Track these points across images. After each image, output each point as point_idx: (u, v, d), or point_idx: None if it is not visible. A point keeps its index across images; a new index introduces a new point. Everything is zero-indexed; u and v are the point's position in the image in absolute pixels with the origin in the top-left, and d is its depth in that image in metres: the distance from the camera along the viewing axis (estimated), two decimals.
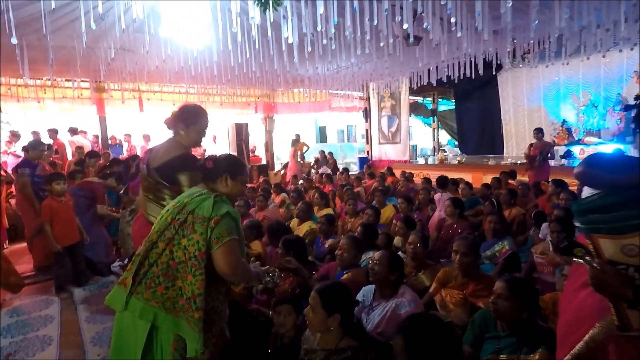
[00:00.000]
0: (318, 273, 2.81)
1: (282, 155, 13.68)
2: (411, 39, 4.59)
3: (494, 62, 6.62)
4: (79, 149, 7.33)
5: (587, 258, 1.20)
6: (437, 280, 2.63)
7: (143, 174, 2.27)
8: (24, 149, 5.02)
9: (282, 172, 10.21)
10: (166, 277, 1.63)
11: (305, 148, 11.57)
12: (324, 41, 4.18)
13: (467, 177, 7.72)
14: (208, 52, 4.61)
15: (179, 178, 2.12)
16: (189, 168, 2.10)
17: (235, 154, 10.20)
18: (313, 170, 10.76)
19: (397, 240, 4.06)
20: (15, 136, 7.17)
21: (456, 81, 7.15)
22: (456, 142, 13.99)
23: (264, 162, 11.48)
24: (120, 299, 1.66)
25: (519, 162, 8.71)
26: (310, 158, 11.85)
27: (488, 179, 6.73)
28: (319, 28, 3.61)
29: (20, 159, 5.35)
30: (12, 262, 4.80)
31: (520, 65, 8.47)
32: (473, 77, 6.63)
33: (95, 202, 4.67)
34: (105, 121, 8.60)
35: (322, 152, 11.65)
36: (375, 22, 3.75)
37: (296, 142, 10.16)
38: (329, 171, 9.68)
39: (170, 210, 1.71)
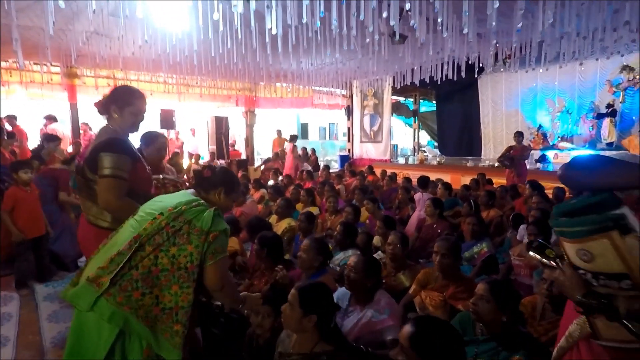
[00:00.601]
0: None
1: (263, 150, 13.50)
2: (397, 37, 4.56)
3: (476, 65, 6.69)
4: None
5: (557, 260, 1.24)
6: (417, 281, 2.59)
7: (78, 170, 2.06)
8: None
9: (261, 167, 10.05)
10: (145, 282, 1.54)
11: (285, 144, 11.45)
12: (309, 34, 4.09)
13: (446, 177, 7.80)
14: (188, 40, 4.42)
15: (101, 159, 1.90)
16: (112, 150, 1.93)
17: (214, 147, 9.98)
18: None
19: (376, 240, 4.02)
20: None
21: (438, 82, 7.19)
22: (436, 143, 14.16)
23: (244, 156, 11.27)
24: (88, 299, 1.51)
25: (496, 164, 8.88)
26: None
27: (466, 180, 6.82)
28: (304, 20, 3.51)
29: None
30: None
31: (502, 70, 8.60)
32: (455, 79, 6.69)
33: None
34: (77, 109, 8.20)
35: (304, 149, 11.55)
36: (362, 18, 3.68)
37: (295, 138, 10.11)
38: (310, 168, 9.60)
39: (166, 215, 1.61)
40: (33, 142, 7.40)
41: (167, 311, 1.54)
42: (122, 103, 2.02)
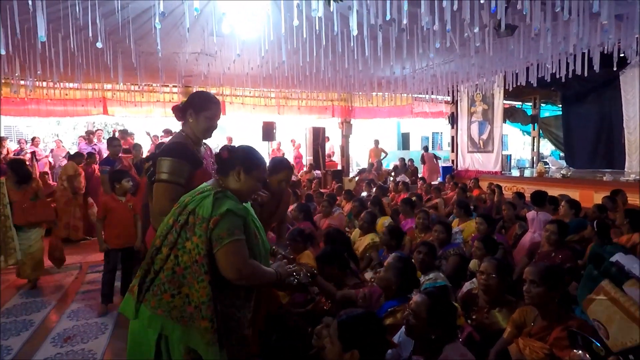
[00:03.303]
0: (357, 292, 2.40)
1: (362, 161, 13.31)
2: (503, 28, 3.92)
3: (614, 55, 5.43)
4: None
5: None
6: (511, 322, 2.03)
7: (148, 174, 2.10)
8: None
9: (356, 178, 9.86)
10: (172, 284, 1.50)
11: (382, 155, 11.10)
12: (396, 34, 3.76)
13: (574, 194, 6.49)
14: (277, 51, 4.50)
15: (159, 164, 1.88)
16: (172, 155, 1.88)
17: (311, 158, 10.15)
18: (391, 178, 10.24)
19: (473, 264, 3.45)
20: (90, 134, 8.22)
21: (563, 81, 6.04)
22: (562, 154, 12.14)
23: (340, 167, 11.24)
24: (130, 307, 1.56)
25: None
26: (390, 165, 11.34)
27: (600, 198, 5.52)
28: (387, 17, 3.22)
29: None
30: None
31: None
32: (586, 75, 5.52)
33: None
34: None
35: (402, 159, 11.06)
36: (455, 8, 3.22)
37: (427, 149, 11.50)
38: (407, 179, 9.06)
39: (172, 212, 1.57)
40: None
41: (196, 308, 1.49)
42: (199, 107, 2.01)
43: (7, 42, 4.26)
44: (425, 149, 11.59)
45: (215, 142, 11.93)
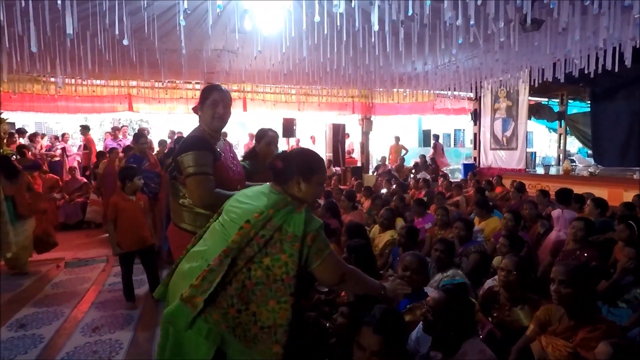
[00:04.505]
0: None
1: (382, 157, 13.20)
2: (529, 22, 3.82)
3: None
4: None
5: None
6: (535, 320, 2.01)
7: (169, 169, 2.15)
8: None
9: (374, 174, 9.83)
10: (240, 298, 1.41)
11: (403, 151, 11.01)
12: (418, 29, 3.72)
13: (601, 192, 6.28)
14: (298, 47, 4.53)
15: (182, 161, 1.92)
16: (190, 148, 1.92)
17: (330, 154, 10.17)
18: (411, 175, 10.15)
19: (496, 261, 3.41)
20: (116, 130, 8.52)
21: (592, 76, 5.83)
22: (589, 151, 11.74)
23: (360, 164, 11.21)
24: (184, 319, 1.40)
25: None
26: (410, 162, 11.23)
27: (631, 197, 5.32)
28: (409, 12, 3.19)
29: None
30: None
31: None
32: (617, 70, 5.31)
33: None
34: None
35: (423, 156, 10.93)
36: (480, 2, 3.16)
37: (437, 137, 11.52)
38: (428, 176, 8.97)
39: (253, 224, 1.44)
40: None
41: (266, 330, 1.40)
42: (202, 98, 2.06)
43: (38, 40, 4.45)
44: (437, 137, 11.84)
45: (235, 139, 12.14)
